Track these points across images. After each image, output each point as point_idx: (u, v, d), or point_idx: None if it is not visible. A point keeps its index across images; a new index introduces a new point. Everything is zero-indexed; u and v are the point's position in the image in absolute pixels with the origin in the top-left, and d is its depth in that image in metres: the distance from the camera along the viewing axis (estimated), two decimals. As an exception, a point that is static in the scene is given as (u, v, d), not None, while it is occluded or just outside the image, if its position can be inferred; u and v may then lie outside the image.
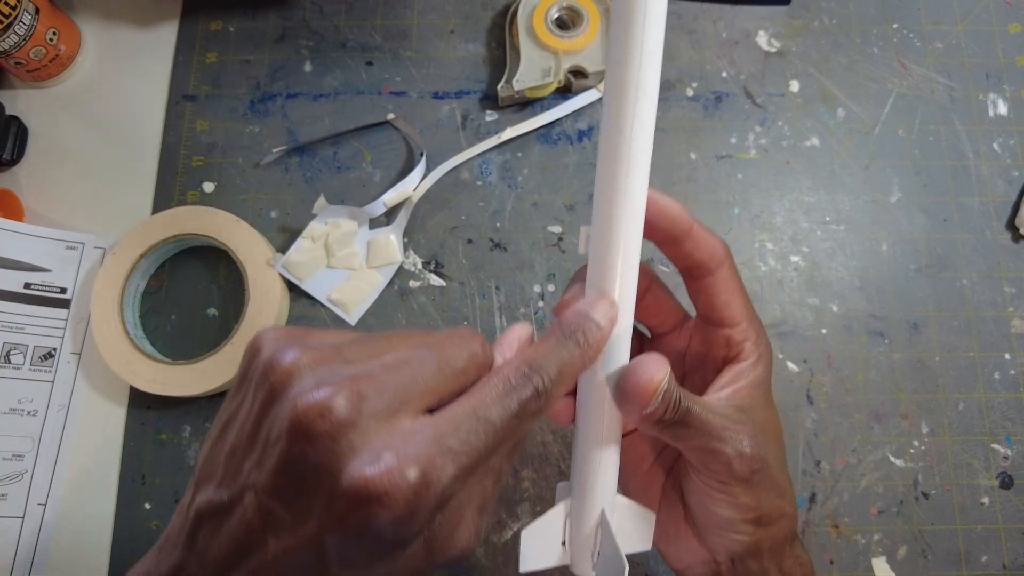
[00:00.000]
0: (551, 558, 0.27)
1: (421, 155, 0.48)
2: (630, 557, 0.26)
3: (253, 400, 0.21)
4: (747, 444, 0.27)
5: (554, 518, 0.27)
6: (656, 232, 0.28)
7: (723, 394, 0.29)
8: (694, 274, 0.29)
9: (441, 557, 0.22)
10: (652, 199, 0.27)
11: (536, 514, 0.43)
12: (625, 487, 0.34)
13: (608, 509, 0.27)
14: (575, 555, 0.27)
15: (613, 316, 0.25)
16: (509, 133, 0.49)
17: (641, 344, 0.34)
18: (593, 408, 0.26)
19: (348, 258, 0.47)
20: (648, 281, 0.31)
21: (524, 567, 0.26)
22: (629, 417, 0.26)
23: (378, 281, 0.47)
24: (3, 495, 0.43)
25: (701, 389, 0.30)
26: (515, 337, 0.25)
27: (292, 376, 0.20)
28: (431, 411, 0.21)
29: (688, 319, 0.33)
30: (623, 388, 0.25)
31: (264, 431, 0.21)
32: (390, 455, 0.19)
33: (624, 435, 0.33)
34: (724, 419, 0.27)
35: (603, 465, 0.27)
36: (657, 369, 0.25)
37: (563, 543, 0.27)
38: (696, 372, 0.32)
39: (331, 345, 0.22)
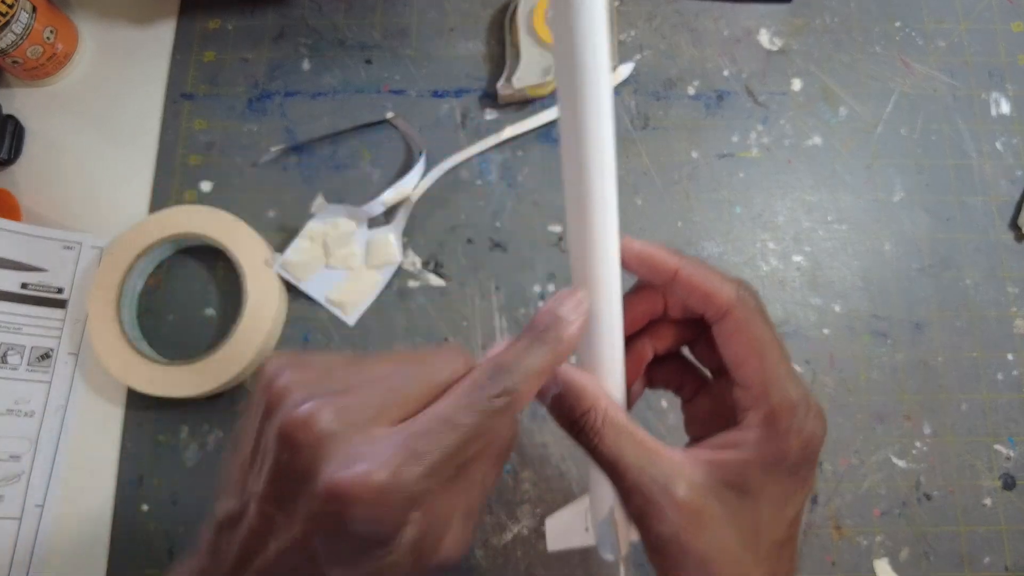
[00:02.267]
0: (574, 540, 0.29)
1: (420, 154, 0.48)
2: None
3: (255, 418, 0.24)
4: (667, 522, 0.23)
5: (578, 507, 0.29)
6: (640, 275, 0.28)
7: (701, 455, 0.24)
8: (703, 322, 0.26)
9: (429, 562, 0.22)
10: (623, 246, 0.27)
11: (535, 516, 0.43)
12: None
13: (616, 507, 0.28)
14: (599, 540, 0.29)
15: (583, 309, 0.24)
16: (509, 132, 0.49)
17: (704, 382, 0.30)
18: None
19: (347, 258, 0.46)
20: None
21: (551, 548, 0.29)
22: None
23: (377, 281, 0.47)
24: (0, 496, 0.42)
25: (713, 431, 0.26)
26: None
27: (283, 396, 0.22)
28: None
29: None
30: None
31: (262, 445, 0.23)
32: (360, 461, 0.20)
33: None
34: (652, 479, 0.23)
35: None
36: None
37: (586, 529, 0.29)
38: (719, 419, 0.28)
39: (323, 366, 0.23)
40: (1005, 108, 0.50)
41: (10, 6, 0.45)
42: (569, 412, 0.25)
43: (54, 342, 0.45)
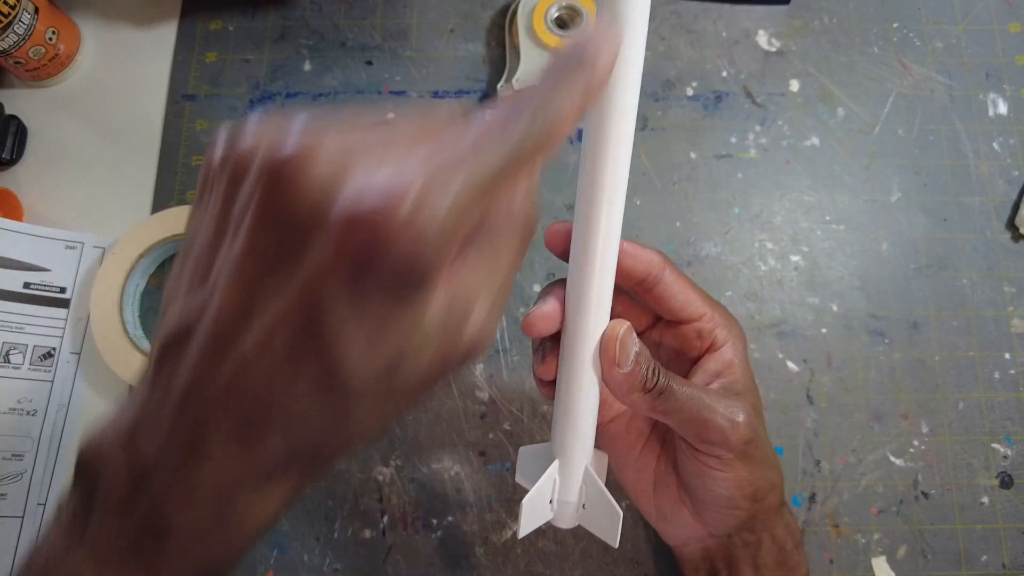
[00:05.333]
0: (542, 517, 0.30)
1: (421, 154, 0.48)
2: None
3: (215, 198, 0.19)
4: (740, 414, 0.29)
5: (546, 482, 0.29)
6: None
7: (715, 385, 0.31)
8: (644, 286, 0.31)
9: (456, 345, 0.20)
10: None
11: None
12: (619, 472, 0.35)
13: (590, 465, 0.30)
14: (559, 511, 0.30)
15: (615, 30, 0.22)
16: (509, 132, 0.49)
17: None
18: (573, 373, 0.29)
19: (348, 258, 0.47)
20: (616, 292, 0.32)
21: (522, 533, 0.29)
22: (611, 379, 0.28)
23: (378, 281, 0.47)
24: (3, 494, 0.43)
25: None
26: None
27: (257, 142, 0.18)
28: None
29: (659, 319, 0.34)
30: (600, 345, 0.28)
31: (234, 212, 0.18)
32: (388, 169, 0.17)
33: (613, 420, 0.34)
34: (713, 393, 0.29)
35: (583, 428, 0.29)
36: (616, 324, 0.28)
37: (550, 502, 0.30)
38: (673, 365, 0.34)
39: (299, 120, 0.18)
40: (1002, 109, 0.50)
41: (12, 7, 0.45)
42: (653, 369, 0.28)
43: (56, 341, 0.46)
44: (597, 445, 0.32)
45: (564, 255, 0.29)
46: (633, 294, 0.32)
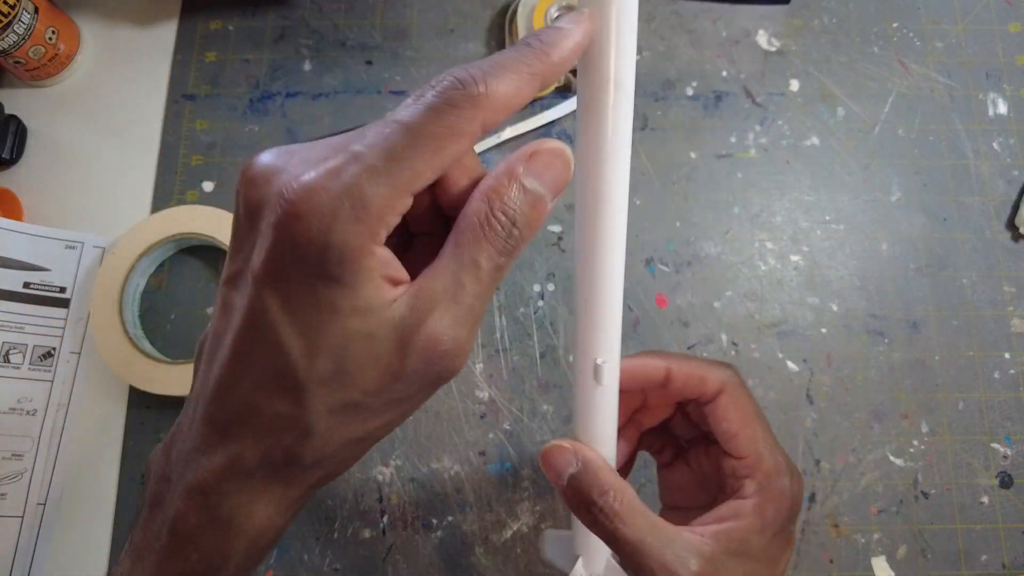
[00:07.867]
0: (565, 566, 0.29)
1: (421, 154, 0.48)
2: None
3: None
4: (692, 563, 0.24)
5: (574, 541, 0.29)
6: (635, 388, 0.29)
7: (707, 530, 0.26)
8: (696, 404, 0.29)
9: (413, 344, 0.19)
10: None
11: (535, 514, 0.43)
12: None
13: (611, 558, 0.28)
14: None
15: (585, 26, 0.20)
16: (509, 133, 0.49)
17: (681, 450, 0.33)
18: None
19: (348, 257, 0.47)
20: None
21: (543, 555, 0.29)
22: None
23: (378, 280, 0.47)
24: (2, 494, 0.43)
25: (708, 505, 0.28)
26: None
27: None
28: None
29: (686, 413, 0.32)
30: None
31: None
32: (300, 170, 0.19)
33: None
34: (672, 558, 0.24)
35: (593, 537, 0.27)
36: (554, 443, 0.26)
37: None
38: (706, 488, 0.31)
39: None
40: (1002, 108, 0.50)
41: (12, 7, 0.45)
42: (587, 494, 0.24)
43: (56, 341, 0.46)
44: None
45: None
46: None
